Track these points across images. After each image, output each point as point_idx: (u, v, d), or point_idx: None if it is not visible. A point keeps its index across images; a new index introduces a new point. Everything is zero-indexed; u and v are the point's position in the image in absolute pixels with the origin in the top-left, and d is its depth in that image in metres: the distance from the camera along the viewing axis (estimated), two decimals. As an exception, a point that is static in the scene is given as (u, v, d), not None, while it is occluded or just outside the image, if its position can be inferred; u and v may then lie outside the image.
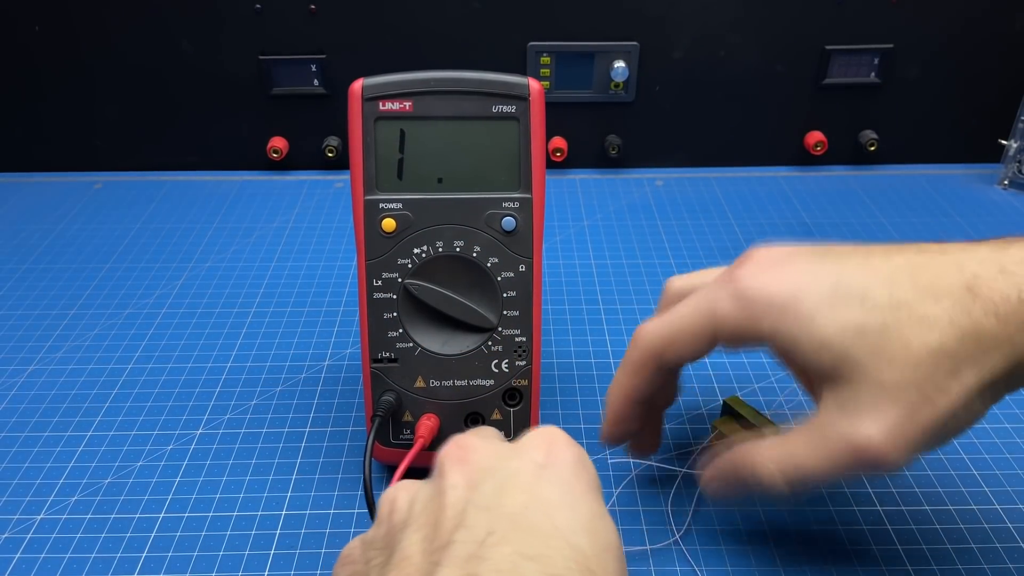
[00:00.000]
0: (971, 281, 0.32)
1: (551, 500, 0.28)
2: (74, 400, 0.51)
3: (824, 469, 0.34)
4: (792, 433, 0.35)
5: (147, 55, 0.75)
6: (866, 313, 0.33)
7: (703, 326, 0.36)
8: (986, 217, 0.72)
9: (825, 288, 0.34)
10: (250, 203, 0.75)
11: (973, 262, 0.33)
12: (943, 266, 0.33)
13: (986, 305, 0.32)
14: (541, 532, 0.27)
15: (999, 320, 0.31)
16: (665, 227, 0.71)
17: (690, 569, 0.40)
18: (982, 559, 0.40)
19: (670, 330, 0.38)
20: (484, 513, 0.28)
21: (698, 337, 0.37)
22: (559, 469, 0.30)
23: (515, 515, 0.27)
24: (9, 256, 0.67)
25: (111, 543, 0.41)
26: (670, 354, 0.38)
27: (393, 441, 0.43)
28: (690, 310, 0.37)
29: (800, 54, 0.77)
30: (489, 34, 0.75)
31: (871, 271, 0.34)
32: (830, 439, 0.33)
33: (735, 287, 0.36)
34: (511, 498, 0.28)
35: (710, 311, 0.36)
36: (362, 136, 0.40)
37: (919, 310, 0.32)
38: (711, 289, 0.37)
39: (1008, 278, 0.32)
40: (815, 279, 0.34)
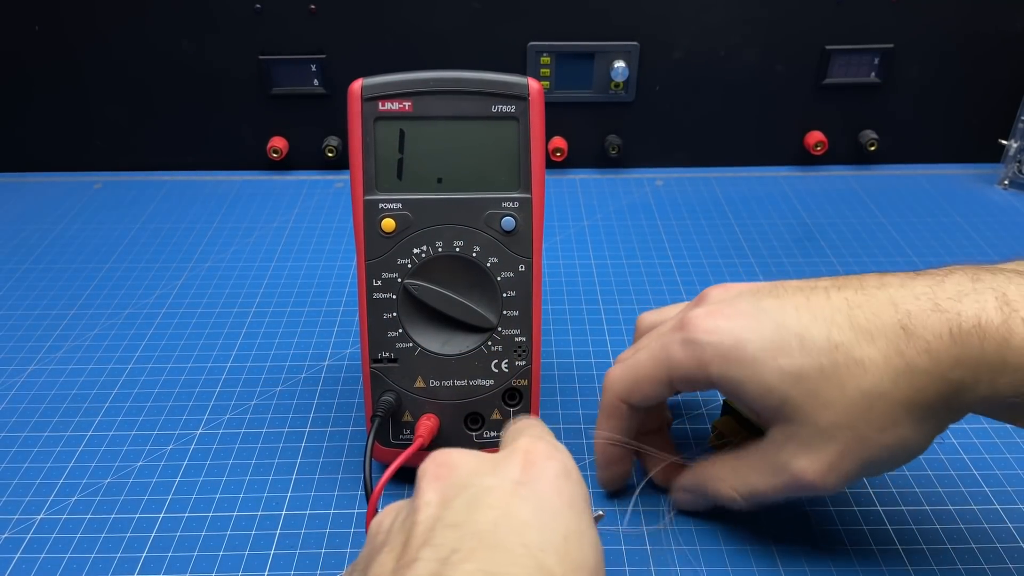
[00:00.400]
0: (905, 320, 0.34)
1: (523, 518, 0.28)
2: (74, 400, 0.51)
3: (773, 492, 0.38)
4: (746, 457, 0.39)
5: (147, 55, 0.75)
6: (803, 357, 0.35)
7: (660, 372, 0.39)
8: (986, 217, 0.72)
9: (767, 334, 0.36)
10: (250, 203, 0.75)
11: (909, 299, 0.34)
12: (879, 304, 0.35)
13: (919, 344, 0.33)
14: (508, 550, 0.26)
15: (931, 358, 0.33)
16: (665, 227, 0.71)
17: (691, 569, 0.40)
18: (982, 559, 0.40)
19: (632, 376, 0.40)
20: (451, 530, 0.27)
21: (657, 383, 0.39)
22: (536, 485, 0.29)
23: (483, 532, 0.27)
24: (9, 256, 0.67)
25: (111, 543, 0.41)
26: (635, 398, 0.40)
27: (393, 441, 0.43)
28: (647, 356, 0.39)
29: (800, 54, 0.77)
30: (489, 34, 0.75)
31: (810, 312, 0.36)
32: (775, 468, 0.37)
33: (684, 335, 0.38)
34: (481, 515, 0.28)
35: (665, 358, 0.38)
36: (362, 136, 0.40)
37: (855, 352, 0.34)
38: (665, 335, 0.39)
39: (940, 315, 0.33)
40: (758, 324, 0.36)
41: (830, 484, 0.36)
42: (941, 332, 0.33)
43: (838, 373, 0.34)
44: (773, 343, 0.35)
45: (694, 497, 0.42)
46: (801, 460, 0.36)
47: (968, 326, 0.32)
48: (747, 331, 0.36)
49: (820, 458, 0.35)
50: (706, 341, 0.37)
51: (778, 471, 0.37)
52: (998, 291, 0.33)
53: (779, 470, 0.37)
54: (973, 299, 0.33)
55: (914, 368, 0.33)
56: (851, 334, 0.34)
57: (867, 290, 0.35)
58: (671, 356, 0.38)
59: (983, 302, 0.33)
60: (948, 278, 0.34)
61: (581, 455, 0.46)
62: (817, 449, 0.35)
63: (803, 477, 0.36)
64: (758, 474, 0.38)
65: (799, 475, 0.36)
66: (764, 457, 0.38)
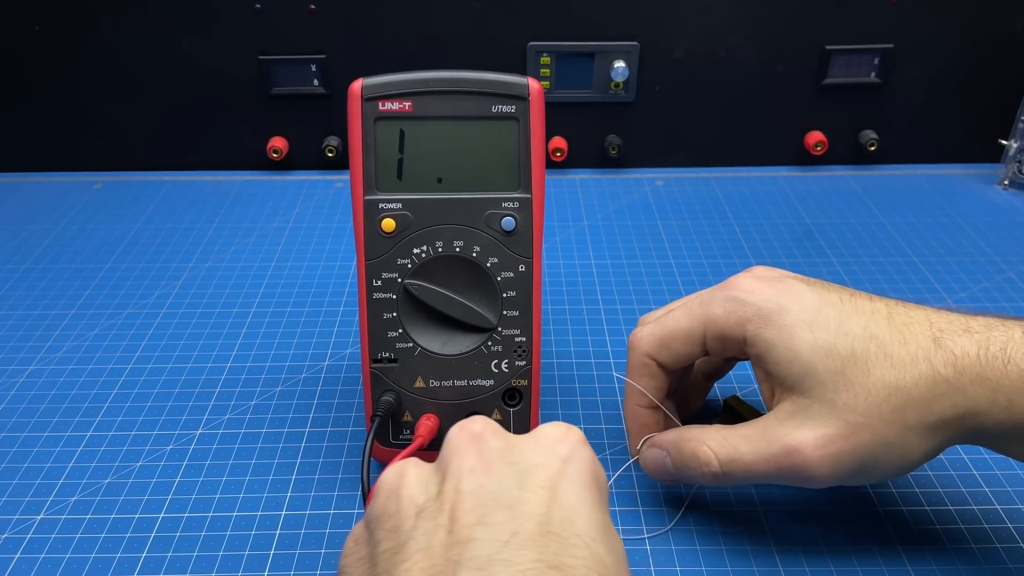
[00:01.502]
0: (937, 334, 0.35)
1: (571, 504, 0.28)
2: (74, 400, 0.51)
3: (757, 465, 0.37)
4: (740, 426, 0.38)
5: (147, 55, 0.75)
6: (839, 338, 0.36)
7: (695, 326, 0.39)
8: (986, 217, 0.72)
9: (809, 308, 0.37)
10: (250, 203, 0.75)
11: (943, 320, 0.36)
12: (916, 317, 0.37)
13: (947, 356, 0.35)
14: (564, 539, 0.27)
15: (956, 371, 0.34)
16: (665, 227, 0.71)
17: (691, 569, 0.40)
18: (982, 559, 0.40)
19: (664, 331, 0.40)
20: (507, 511, 0.27)
21: (690, 338, 0.40)
22: (578, 471, 0.29)
23: (539, 516, 0.27)
24: (9, 256, 0.67)
25: (111, 543, 0.41)
26: (665, 355, 0.41)
27: (393, 441, 0.43)
28: (684, 312, 0.40)
29: (800, 54, 0.77)
30: (489, 34, 0.75)
31: (852, 304, 0.37)
32: (769, 438, 0.37)
33: (729, 292, 0.39)
34: (534, 495, 0.28)
35: (702, 313, 0.39)
36: (362, 136, 0.40)
37: (887, 347, 0.36)
38: (706, 294, 0.40)
39: (970, 336, 0.35)
40: (802, 299, 0.38)
41: (821, 465, 0.35)
42: (968, 350, 0.35)
43: (867, 360, 0.35)
44: (813, 317, 0.37)
45: (663, 456, 0.40)
46: (802, 431, 0.36)
47: (995, 349, 0.34)
48: (791, 301, 0.37)
49: (822, 432, 0.35)
50: (750, 300, 0.38)
51: (773, 440, 0.36)
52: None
53: (774, 439, 0.36)
54: (1002, 330, 0.35)
55: (937, 375, 0.34)
56: (887, 332, 0.36)
57: (906, 305, 0.38)
58: (710, 311, 0.39)
59: (1011, 333, 0.35)
60: (980, 315, 0.37)
61: (581, 455, 0.46)
62: (822, 424, 0.35)
63: (799, 450, 0.35)
64: (747, 442, 0.37)
65: (795, 447, 0.36)
66: (761, 427, 0.37)
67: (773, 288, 0.38)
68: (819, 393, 0.36)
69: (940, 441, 0.35)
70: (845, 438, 0.35)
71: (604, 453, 0.46)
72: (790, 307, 0.37)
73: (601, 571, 0.26)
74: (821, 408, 0.36)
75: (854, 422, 0.35)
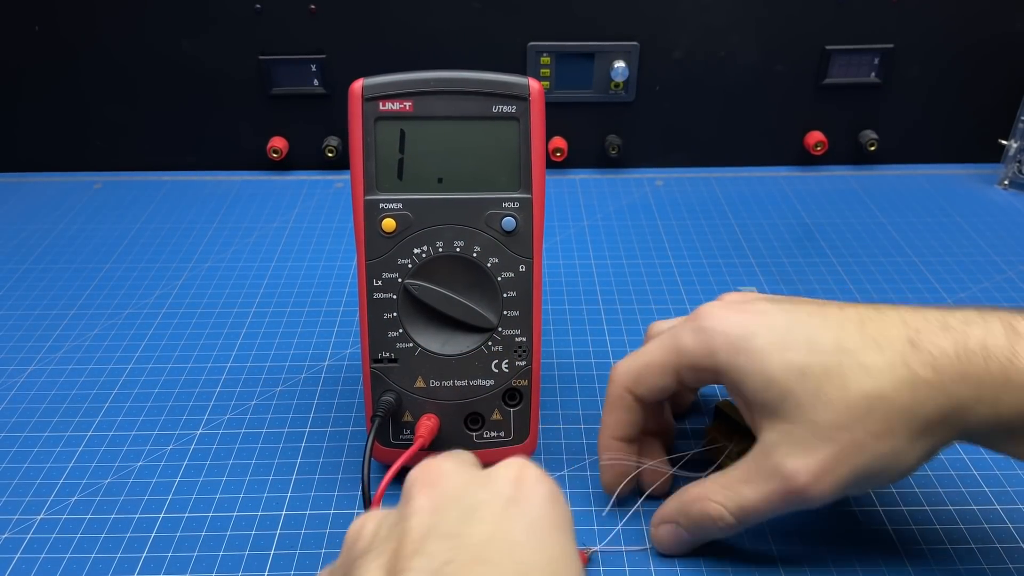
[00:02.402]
0: (913, 335, 0.34)
1: (516, 537, 0.27)
2: (74, 400, 0.51)
3: (764, 503, 0.36)
4: (735, 470, 0.38)
5: (147, 55, 0.75)
6: (810, 356, 0.35)
7: (668, 359, 0.39)
8: (986, 217, 0.72)
9: (778, 329, 0.36)
10: (250, 203, 0.75)
11: (919, 319, 0.35)
12: (890, 319, 0.36)
13: (925, 357, 0.34)
14: (500, 567, 0.26)
15: (935, 372, 0.33)
16: (665, 227, 0.71)
17: (691, 569, 0.40)
18: (982, 559, 0.40)
19: (638, 364, 0.40)
20: (445, 541, 0.27)
21: (664, 369, 0.39)
22: (528, 505, 0.29)
23: (477, 546, 0.27)
24: (9, 256, 0.67)
25: (111, 543, 0.41)
26: (640, 388, 0.40)
27: (393, 441, 0.43)
28: (656, 345, 0.40)
29: (800, 54, 0.77)
30: (489, 34, 0.75)
31: (822, 319, 0.36)
32: (767, 472, 0.36)
33: (697, 323, 0.39)
34: (475, 528, 0.27)
35: (674, 345, 0.39)
36: (362, 136, 0.40)
37: (861, 357, 0.35)
38: (677, 327, 0.40)
39: (948, 333, 0.34)
40: (770, 321, 0.37)
41: (820, 489, 0.35)
42: (947, 348, 0.34)
43: (843, 374, 0.35)
44: (782, 338, 0.36)
45: (676, 530, 0.39)
46: (795, 460, 0.35)
47: (974, 345, 0.33)
48: (758, 325, 0.37)
49: (815, 459, 0.35)
50: (718, 329, 0.37)
51: (770, 475, 0.36)
52: (1005, 321, 0.34)
53: (771, 474, 0.36)
54: (980, 324, 0.34)
55: (917, 379, 0.34)
56: (860, 341, 0.35)
57: (878, 308, 0.37)
58: (681, 343, 0.38)
59: (990, 327, 0.34)
60: (958, 309, 0.35)
61: (581, 455, 0.46)
62: (812, 449, 0.35)
63: (795, 478, 0.35)
64: (748, 484, 0.37)
65: (791, 476, 0.35)
66: (755, 463, 0.37)
67: (740, 314, 0.38)
68: (800, 416, 0.35)
69: (932, 443, 0.35)
70: (836, 458, 0.35)
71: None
72: (758, 331, 0.37)
73: None
74: (805, 431, 0.35)
75: (841, 440, 0.34)
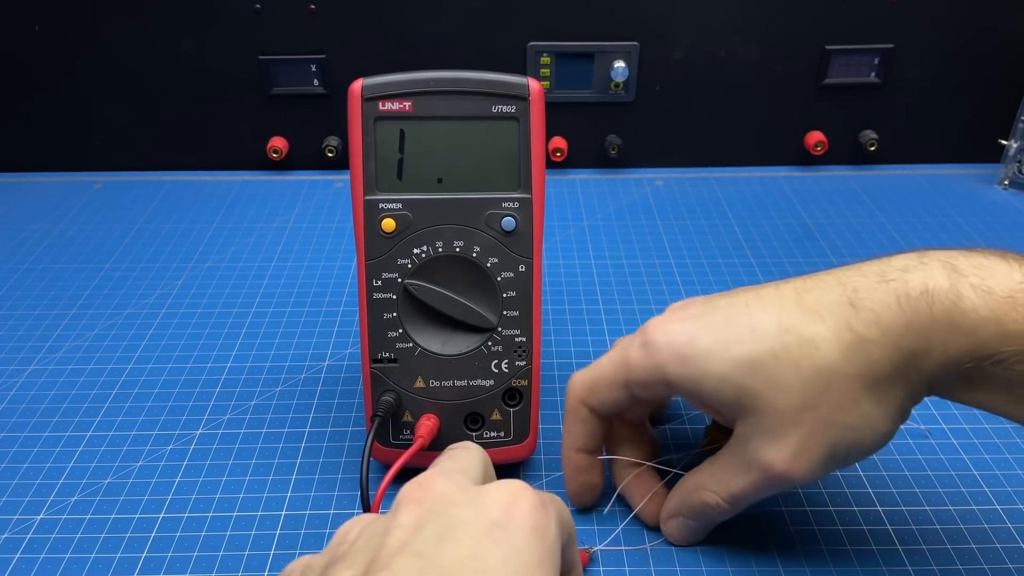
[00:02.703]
0: (852, 296, 0.34)
1: (491, 564, 0.26)
2: (74, 400, 0.51)
3: (751, 490, 0.37)
4: (720, 459, 0.38)
5: (147, 55, 0.75)
6: (755, 344, 0.35)
7: (618, 375, 0.39)
8: (986, 217, 0.72)
9: (717, 328, 0.36)
10: (250, 203, 0.75)
11: (856, 277, 0.34)
12: (827, 285, 0.35)
13: (867, 316, 0.33)
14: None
15: (881, 329, 0.33)
16: (665, 227, 0.71)
17: (691, 569, 0.40)
18: (982, 559, 0.40)
19: (591, 377, 0.40)
20: (414, 559, 0.26)
21: (615, 385, 0.39)
22: (512, 532, 0.27)
23: (447, 568, 0.26)
24: (9, 256, 0.67)
25: (111, 543, 0.41)
26: (594, 401, 0.40)
27: (393, 441, 0.43)
28: (608, 359, 0.40)
29: (800, 54, 0.77)
30: (489, 34, 0.75)
31: (759, 303, 0.36)
32: (746, 463, 0.36)
33: (642, 338, 0.38)
34: (450, 550, 0.26)
35: (622, 360, 0.38)
36: (362, 136, 0.40)
37: (804, 332, 0.34)
38: (626, 341, 0.39)
39: (887, 286, 0.33)
40: (709, 322, 0.36)
41: (800, 472, 0.35)
42: (888, 302, 0.33)
43: (790, 354, 0.34)
44: (724, 335, 0.35)
45: (683, 522, 0.40)
46: (768, 450, 0.35)
47: (916, 293, 0.32)
48: (699, 328, 0.36)
49: (786, 445, 0.34)
50: (661, 341, 0.37)
51: (749, 466, 0.36)
52: (946, 262, 0.33)
53: (749, 465, 0.36)
54: (920, 269, 0.33)
55: (864, 340, 0.33)
56: (800, 316, 0.34)
57: (816, 277, 0.36)
58: (628, 358, 0.38)
59: (930, 270, 0.33)
60: (895, 257, 0.34)
61: (581, 455, 0.46)
62: (781, 436, 0.34)
63: (772, 468, 0.35)
64: (733, 474, 0.37)
65: (768, 466, 0.35)
66: (734, 454, 0.37)
67: (682, 322, 0.37)
68: (762, 406, 0.35)
69: (899, 401, 0.34)
70: (807, 440, 0.34)
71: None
72: (699, 334, 0.36)
73: None
74: (771, 419, 0.35)
75: (807, 420, 0.34)
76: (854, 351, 0.33)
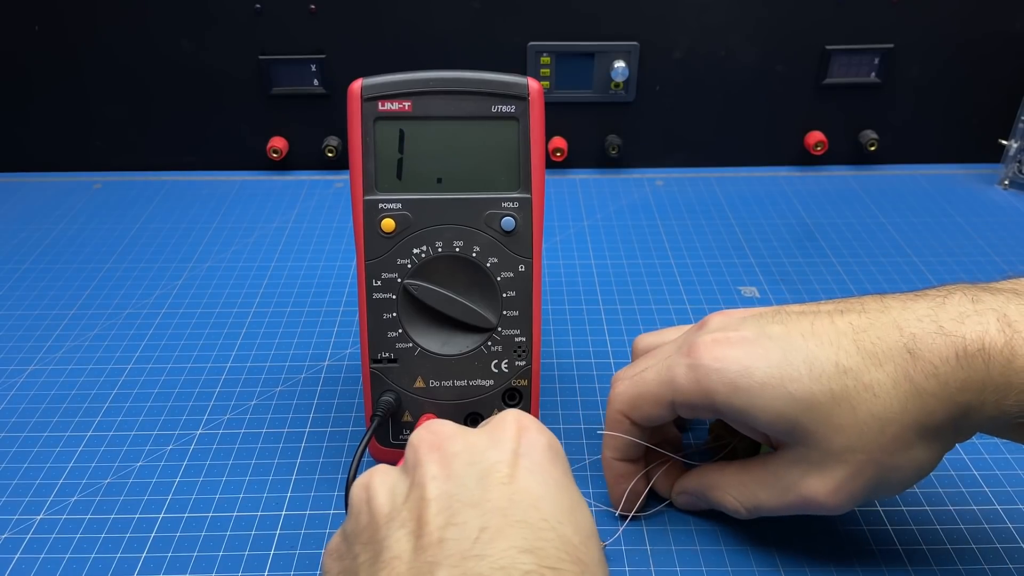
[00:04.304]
0: (910, 343, 0.34)
1: (534, 491, 0.29)
2: (74, 400, 0.51)
3: (778, 509, 0.38)
4: (753, 471, 0.39)
5: (147, 55, 0.75)
6: (813, 383, 0.35)
7: (663, 394, 0.38)
8: (986, 217, 0.72)
9: (774, 360, 0.35)
10: (250, 203, 0.75)
11: (912, 321, 0.34)
12: (884, 327, 0.35)
13: (926, 367, 0.33)
14: (531, 525, 0.28)
15: (939, 383, 0.33)
16: (665, 227, 0.71)
17: (691, 569, 0.40)
18: (982, 559, 0.40)
19: (637, 392, 0.39)
20: (472, 509, 0.28)
21: (659, 404, 0.39)
22: (535, 457, 0.31)
23: (503, 509, 0.28)
24: (9, 256, 0.67)
25: (111, 543, 0.41)
26: (636, 415, 0.40)
27: (393, 441, 0.43)
28: (653, 376, 0.39)
29: (800, 54, 0.77)
30: (489, 34, 0.75)
31: (816, 338, 0.36)
32: (783, 487, 0.37)
33: (690, 361, 0.37)
34: (495, 491, 0.29)
35: (669, 380, 0.38)
36: (361, 136, 0.40)
37: (864, 377, 0.34)
38: (672, 358, 0.38)
39: (945, 339, 0.33)
40: (764, 352, 0.36)
41: (836, 504, 0.36)
42: (947, 356, 0.33)
43: (849, 398, 0.34)
44: (780, 370, 0.35)
45: (694, 500, 0.42)
46: (811, 481, 0.36)
47: (973, 349, 0.33)
48: (753, 358, 0.36)
49: (831, 480, 0.35)
50: (712, 368, 0.36)
51: (786, 490, 0.37)
52: (999, 312, 0.33)
53: (787, 489, 0.37)
54: (975, 321, 0.33)
55: (922, 392, 0.33)
56: (858, 359, 0.34)
57: (870, 313, 0.36)
58: (675, 380, 0.37)
59: (986, 324, 0.33)
60: (948, 299, 0.34)
61: (581, 455, 0.46)
62: (828, 471, 0.35)
63: (812, 498, 0.36)
64: (764, 490, 0.38)
65: (808, 496, 0.36)
66: (772, 474, 0.38)
67: (733, 348, 0.36)
68: (813, 443, 0.35)
69: (948, 445, 0.35)
70: (853, 478, 0.35)
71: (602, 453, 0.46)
72: (755, 366, 0.36)
73: (569, 549, 0.28)
74: (820, 455, 0.35)
75: (856, 461, 0.35)
76: (912, 401, 0.34)
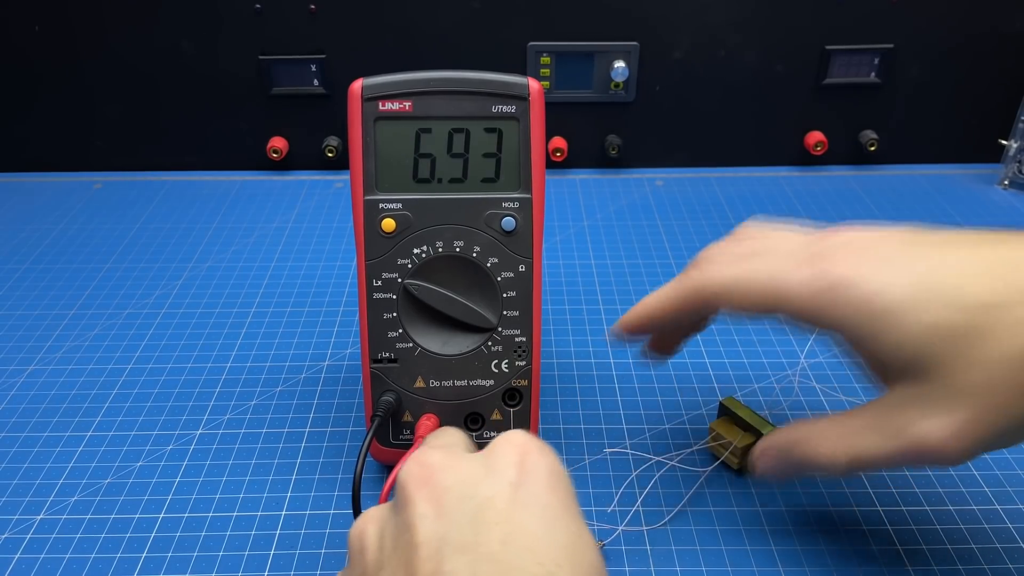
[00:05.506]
0: None
1: (529, 529, 0.27)
2: (74, 400, 0.51)
3: (886, 459, 0.33)
4: (854, 416, 0.34)
5: (147, 55, 0.76)
6: (956, 312, 0.31)
7: (771, 290, 0.34)
8: (986, 217, 0.72)
9: (914, 282, 0.32)
10: (250, 203, 0.75)
11: None
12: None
13: None
14: (523, 570, 0.26)
15: None
16: (665, 227, 0.71)
17: (691, 569, 0.40)
18: (982, 559, 0.40)
19: (737, 278, 0.36)
20: (461, 555, 0.26)
21: (763, 297, 0.35)
22: (534, 487, 0.28)
23: (495, 554, 0.26)
24: (9, 256, 0.67)
25: (111, 543, 0.41)
26: (723, 300, 0.36)
27: (393, 441, 0.43)
28: (766, 267, 0.35)
29: (800, 54, 0.77)
30: (489, 34, 0.75)
31: (967, 265, 0.32)
32: (896, 431, 0.33)
33: (820, 267, 0.34)
34: (488, 533, 0.26)
35: (785, 279, 0.34)
36: (362, 136, 0.40)
37: (1015, 312, 0.31)
38: (793, 258, 0.35)
39: None
40: (905, 271, 0.32)
41: (953, 453, 0.32)
42: None
43: (996, 332, 0.31)
44: (921, 294, 0.32)
45: (779, 461, 0.37)
46: (928, 422, 0.32)
47: None
48: (892, 278, 0.32)
49: (951, 421, 0.31)
50: (842, 280, 0.33)
51: (896, 433, 0.33)
52: None
53: (897, 432, 0.33)
54: None
55: None
56: (1010, 293, 0.31)
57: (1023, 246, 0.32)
58: (794, 281, 0.34)
59: None
60: None
61: (581, 455, 0.46)
62: (949, 411, 0.31)
63: (927, 441, 0.32)
64: (871, 434, 0.33)
65: (923, 438, 0.32)
66: (881, 416, 0.33)
67: (870, 262, 0.33)
68: (938, 378, 0.31)
69: None
70: (976, 421, 0.31)
71: (602, 453, 0.46)
72: (892, 285, 0.32)
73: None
74: (944, 393, 0.31)
75: (985, 401, 0.31)
76: None
